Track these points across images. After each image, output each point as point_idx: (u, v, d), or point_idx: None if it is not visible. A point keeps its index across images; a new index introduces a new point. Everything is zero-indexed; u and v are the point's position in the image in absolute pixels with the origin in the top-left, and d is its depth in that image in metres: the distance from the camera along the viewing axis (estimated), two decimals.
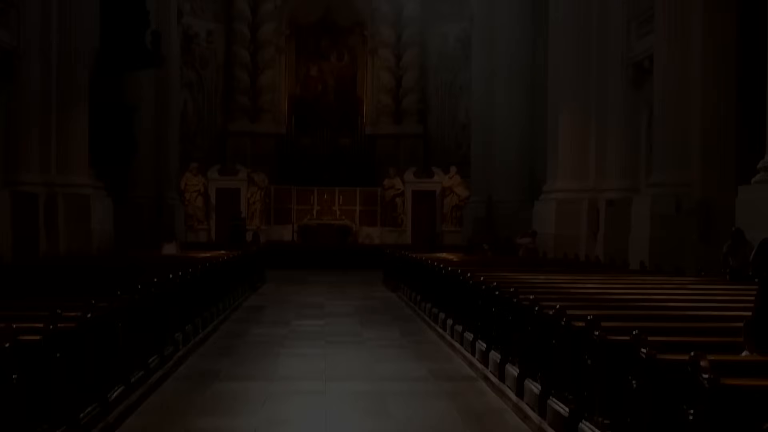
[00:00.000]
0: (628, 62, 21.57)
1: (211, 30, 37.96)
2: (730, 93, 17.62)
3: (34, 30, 21.25)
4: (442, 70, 38.63)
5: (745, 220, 14.75)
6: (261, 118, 38.74)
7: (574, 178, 23.61)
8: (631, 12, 21.63)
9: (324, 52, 39.50)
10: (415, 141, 38.93)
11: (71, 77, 22.18)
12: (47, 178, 21.52)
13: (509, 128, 31.29)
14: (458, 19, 37.11)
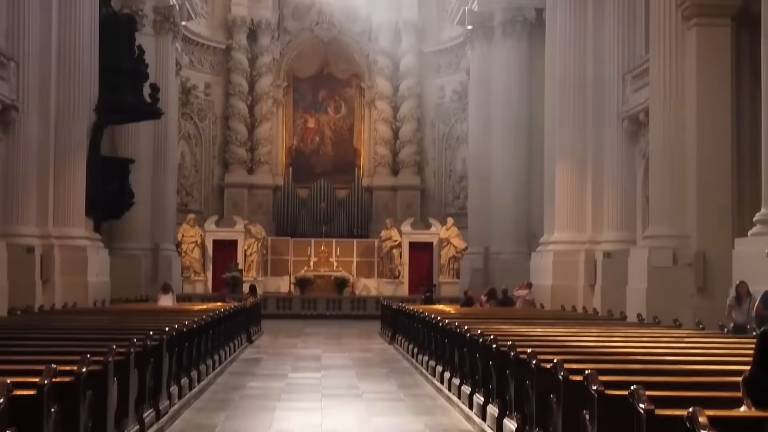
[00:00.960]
0: (624, 115, 21.72)
1: (209, 82, 38.25)
2: (725, 146, 17.72)
3: (33, 83, 21.35)
4: (439, 122, 38.87)
5: (742, 272, 14.76)
6: (258, 170, 38.88)
7: (571, 230, 23.64)
8: (626, 66, 21.82)
9: (321, 103, 39.77)
10: (412, 192, 39.05)
11: (69, 130, 22.26)
12: (44, 231, 21.51)
13: (506, 180, 31.40)
14: (455, 72, 37.44)
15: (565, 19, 23.87)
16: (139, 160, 28.56)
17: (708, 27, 17.80)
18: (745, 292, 13.71)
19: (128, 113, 26.04)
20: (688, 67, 17.96)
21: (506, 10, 31.54)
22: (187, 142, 37.09)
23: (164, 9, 30.97)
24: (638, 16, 21.70)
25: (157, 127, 30.00)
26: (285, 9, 39.25)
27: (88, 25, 23.04)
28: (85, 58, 22.74)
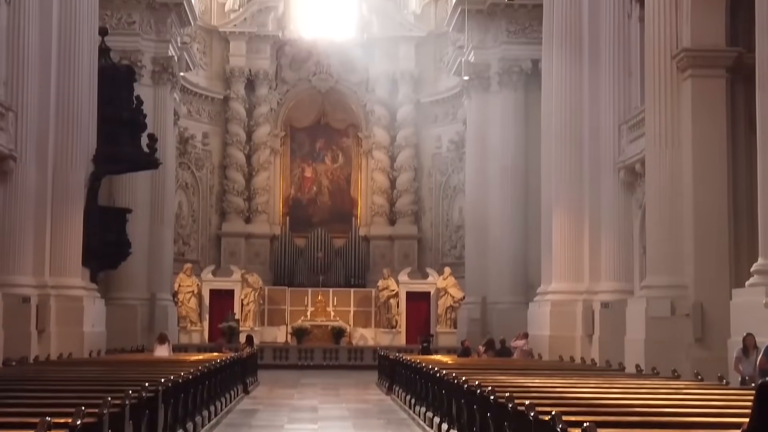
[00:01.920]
0: (620, 165, 21.78)
1: (207, 132, 38.42)
2: (721, 196, 17.76)
3: (31, 133, 21.43)
4: (436, 172, 38.99)
5: (740, 323, 14.73)
6: (256, 219, 38.91)
7: (568, 280, 23.61)
8: (622, 116, 21.93)
9: (319, 153, 39.91)
10: (409, 242, 39.06)
11: (67, 180, 22.30)
12: (40, 281, 21.46)
13: (503, 229, 31.43)
14: (452, 122, 37.64)
15: (561, 70, 24.05)
16: (136, 209, 28.58)
17: (703, 78, 17.92)
18: (752, 344, 13.65)
19: (126, 163, 26.13)
20: (684, 118, 18.05)
21: (502, 61, 31.80)
22: (185, 191, 37.15)
23: (163, 60, 31.21)
24: (633, 67, 21.86)
25: (155, 176, 30.09)
26: (283, 60, 39.52)
27: (87, 76, 23.18)
28: (83, 108, 22.85)
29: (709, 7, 17.96)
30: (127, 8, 30.29)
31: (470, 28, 32.31)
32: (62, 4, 22.56)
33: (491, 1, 31.53)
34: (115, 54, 27.59)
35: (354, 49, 39.08)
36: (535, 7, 29.11)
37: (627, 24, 22.16)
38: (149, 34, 31.06)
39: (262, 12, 39.14)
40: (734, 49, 18.00)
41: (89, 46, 23.50)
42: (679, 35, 18.22)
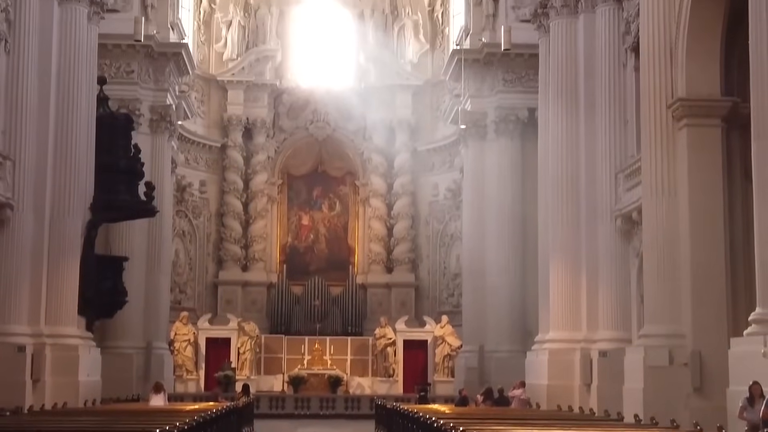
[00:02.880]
0: (617, 214, 21.82)
1: (205, 180, 38.47)
2: (718, 245, 17.78)
3: (29, 182, 21.48)
4: (433, 220, 39.00)
5: (738, 372, 14.67)
6: (252, 267, 38.84)
7: (566, 329, 23.54)
8: (618, 165, 22.02)
9: (316, 201, 39.95)
10: (406, 290, 38.96)
11: (64, 229, 22.32)
12: (36, 330, 21.37)
13: (500, 277, 31.36)
14: (449, 170, 37.74)
15: (557, 119, 24.17)
16: (132, 257, 28.52)
17: (698, 128, 18.01)
18: (759, 393, 13.56)
19: (123, 211, 26.13)
20: (680, 167, 18.11)
21: (499, 110, 31.95)
22: (182, 239, 37.12)
23: (161, 109, 31.37)
24: (629, 115, 22.00)
25: (152, 224, 30.09)
26: (280, 108, 39.70)
27: (85, 124, 23.30)
28: (81, 157, 22.92)
29: (703, 57, 18.10)
30: (126, 57, 30.48)
31: (467, 77, 32.50)
32: (61, 54, 22.74)
33: (487, 51, 31.75)
34: (114, 102, 27.73)
35: (351, 98, 39.29)
36: (531, 57, 29.30)
37: (622, 73, 22.35)
38: (147, 83, 31.24)
39: (260, 61, 39.42)
40: (729, 99, 18.13)
41: (88, 95, 23.65)
42: (674, 85, 18.35)
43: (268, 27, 39.82)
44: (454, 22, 38.35)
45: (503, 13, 32.06)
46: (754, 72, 13.83)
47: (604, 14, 22.87)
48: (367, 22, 40.20)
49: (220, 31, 39.75)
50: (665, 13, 18.60)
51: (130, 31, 29.76)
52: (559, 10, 24.03)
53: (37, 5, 21.94)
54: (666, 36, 18.55)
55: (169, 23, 32.16)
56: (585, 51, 23.44)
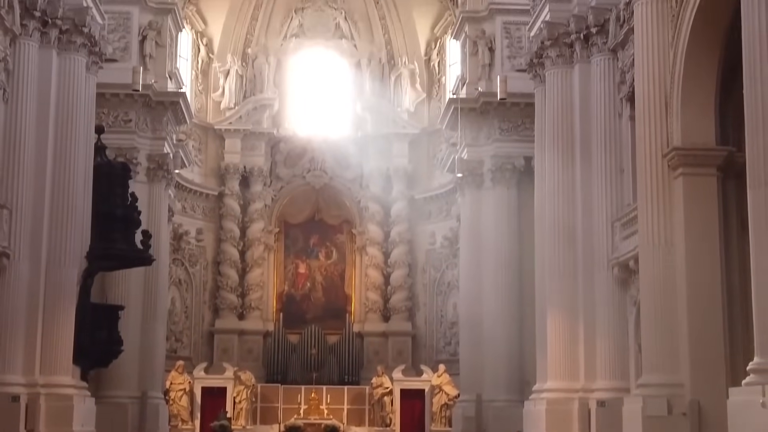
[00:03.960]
0: (614, 262, 21.79)
1: (201, 228, 38.46)
2: (715, 294, 17.74)
3: (25, 230, 21.46)
4: (430, 268, 38.95)
5: (737, 422, 14.54)
6: (249, 316, 38.70)
7: (563, 378, 23.37)
8: (615, 213, 22.03)
9: (313, 249, 39.93)
10: (403, 338, 38.83)
11: (60, 277, 22.25)
12: (30, 380, 21.23)
13: (498, 326, 31.22)
14: (446, 218, 37.76)
15: (553, 168, 24.22)
16: (129, 306, 28.43)
17: (694, 177, 18.05)
18: None
19: (120, 260, 26.08)
20: (676, 216, 18.13)
21: (495, 158, 32.04)
22: (178, 287, 37.01)
23: (158, 157, 31.42)
24: (625, 164, 22.05)
25: (148, 273, 30.00)
26: (277, 156, 39.81)
27: (83, 173, 23.34)
28: (78, 205, 22.93)
29: (698, 106, 18.21)
30: (123, 106, 30.59)
31: (463, 126, 32.65)
32: (59, 103, 22.84)
33: (484, 100, 31.92)
34: (111, 151, 27.76)
35: (348, 146, 39.47)
36: (527, 106, 29.43)
37: (618, 123, 22.45)
38: (145, 132, 31.34)
39: (257, 110, 39.62)
40: (724, 148, 18.20)
41: (85, 144, 23.73)
42: (669, 134, 18.42)
43: (266, 76, 40.07)
44: (451, 71, 38.66)
45: (499, 62, 32.29)
46: (748, 121, 13.88)
47: (599, 64, 23.03)
48: (363, 72, 40.47)
49: (217, 80, 39.99)
50: (660, 63, 18.74)
51: (128, 81, 29.94)
52: (555, 60, 24.19)
53: (36, 55, 22.10)
54: (661, 86, 18.67)
55: (167, 73, 32.36)
56: (580, 100, 23.56)
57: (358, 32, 40.93)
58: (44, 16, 22.16)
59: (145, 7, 31.60)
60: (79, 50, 23.34)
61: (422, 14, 40.20)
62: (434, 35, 40.57)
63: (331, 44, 41.00)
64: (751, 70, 13.73)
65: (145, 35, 31.60)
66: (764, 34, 13.50)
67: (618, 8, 21.96)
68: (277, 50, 40.55)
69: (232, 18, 40.05)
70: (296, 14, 40.83)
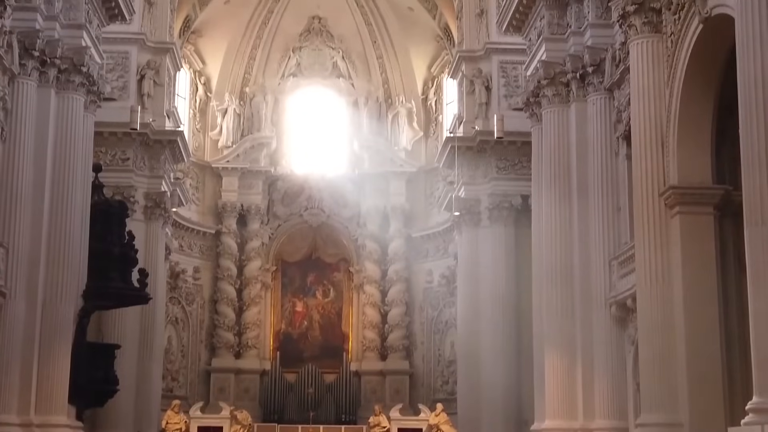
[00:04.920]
0: (612, 301, 21.74)
1: (198, 266, 38.45)
2: (713, 332, 17.67)
3: (22, 269, 21.39)
4: (428, 307, 38.92)
5: None
6: (246, 354, 38.62)
7: (562, 417, 23.21)
8: (612, 252, 22.01)
9: (310, 287, 39.93)
10: (400, 377, 38.71)
11: (56, 316, 22.14)
12: (25, 419, 21.06)
13: (495, 365, 31.10)
14: (443, 256, 37.76)
15: (550, 206, 24.22)
16: (125, 345, 28.28)
17: (691, 215, 18.04)
18: None
19: (116, 299, 25.98)
20: (674, 255, 18.12)
21: (492, 197, 32.09)
22: (174, 326, 36.91)
23: (155, 195, 31.45)
24: (622, 203, 22.06)
25: (145, 311, 29.91)
26: (275, 195, 39.90)
27: (80, 212, 23.31)
28: (74, 244, 22.88)
29: (694, 145, 18.25)
30: (121, 145, 30.66)
31: (460, 165, 32.74)
32: (57, 142, 22.85)
33: (480, 138, 32.04)
34: (109, 189, 27.75)
35: (345, 185, 39.59)
36: (524, 144, 29.54)
37: (614, 161, 22.49)
38: (143, 170, 31.40)
39: (254, 148, 39.76)
40: (721, 187, 18.21)
41: (83, 183, 23.72)
42: (666, 173, 18.44)
43: (263, 115, 40.28)
44: (448, 110, 38.86)
45: (496, 101, 32.47)
46: (745, 160, 13.91)
47: (596, 103, 23.11)
48: (361, 110, 40.69)
49: (215, 118, 40.19)
50: (656, 102, 18.81)
51: (126, 119, 30.07)
52: (551, 99, 24.28)
53: (34, 94, 22.15)
54: (657, 124, 18.73)
55: (165, 111, 32.49)
56: (577, 139, 23.62)
57: (356, 71, 41.20)
58: (43, 55, 22.22)
59: (143, 47, 31.79)
60: (78, 89, 23.39)
61: (419, 53, 40.49)
62: (431, 74, 40.85)
63: (329, 83, 41.26)
64: (747, 110, 13.79)
65: (144, 74, 31.75)
66: (759, 75, 13.57)
67: (614, 48, 22.10)
68: (274, 89, 40.78)
69: (230, 57, 40.32)
70: (294, 53, 41.11)
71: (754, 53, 13.67)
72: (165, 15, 32.79)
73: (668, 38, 18.72)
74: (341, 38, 41.18)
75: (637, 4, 19.08)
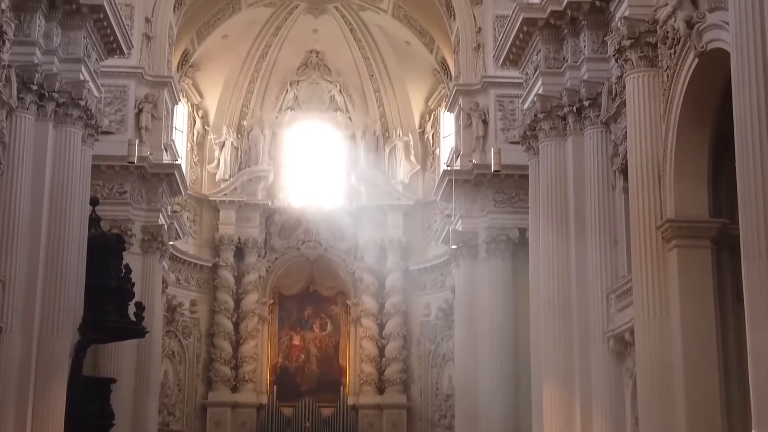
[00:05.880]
0: (610, 335, 21.68)
1: (195, 300, 38.37)
2: (712, 366, 17.64)
3: (18, 302, 21.31)
4: (425, 340, 38.82)
5: None
6: (242, 388, 38.45)
7: None
8: (609, 285, 21.98)
9: (307, 321, 39.86)
10: (398, 411, 38.54)
11: (52, 351, 22.02)
12: None
13: (494, 398, 30.95)
14: (440, 290, 37.71)
15: (548, 239, 24.22)
16: (121, 378, 28.11)
17: (688, 249, 18.07)
18: None
19: (113, 332, 25.86)
20: (671, 288, 18.11)
21: (490, 230, 32.06)
22: (171, 360, 36.75)
23: (153, 229, 31.39)
24: (620, 236, 22.05)
25: (141, 345, 29.76)
26: (272, 228, 39.90)
27: (77, 245, 23.27)
28: (71, 277, 22.82)
29: (691, 179, 18.31)
30: (119, 178, 30.65)
31: (457, 198, 32.76)
32: (55, 176, 22.85)
33: (478, 172, 32.07)
34: (106, 222, 27.75)
35: (343, 218, 39.62)
36: (521, 177, 29.58)
37: (611, 195, 22.51)
38: (140, 204, 31.38)
39: (252, 181, 39.83)
40: (718, 221, 18.26)
41: (80, 216, 23.70)
42: (663, 206, 18.49)
43: (261, 148, 40.37)
44: (445, 143, 38.98)
45: (493, 134, 32.54)
46: (741, 193, 13.94)
47: (592, 137, 23.16)
48: (358, 144, 40.81)
49: (213, 152, 40.29)
50: (652, 136, 18.89)
51: (123, 153, 30.08)
52: (548, 132, 24.35)
53: (32, 128, 22.17)
54: (653, 158, 18.79)
55: (162, 145, 32.52)
56: (574, 172, 23.65)
57: (353, 105, 41.37)
58: (41, 89, 22.27)
59: (141, 81, 31.88)
60: (76, 123, 23.43)
61: (416, 87, 40.68)
62: (428, 108, 41.03)
63: (326, 116, 41.41)
64: (743, 144, 13.83)
65: (142, 108, 31.80)
66: (755, 109, 13.62)
67: (610, 82, 22.19)
68: (272, 122, 40.91)
69: (228, 91, 40.50)
70: (291, 87, 41.28)
71: (750, 88, 13.73)
72: (163, 49, 32.92)
73: (664, 72, 18.83)
74: (339, 72, 41.38)
75: (633, 38, 19.22)
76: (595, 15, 22.69)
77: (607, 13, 22.04)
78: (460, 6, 33.35)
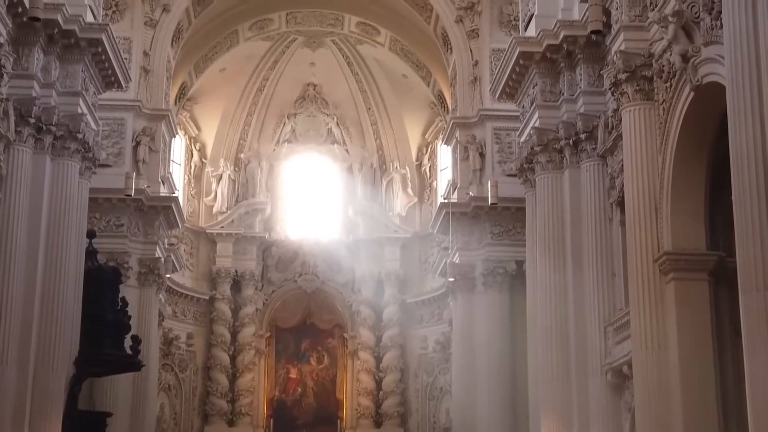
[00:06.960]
0: (607, 368, 21.61)
1: (192, 333, 38.22)
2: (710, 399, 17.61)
3: (14, 336, 21.22)
4: (423, 373, 38.65)
5: None
6: (239, 422, 38.23)
7: None
8: (607, 318, 21.94)
9: (304, 354, 39.72)
10: None
11: (47, 385, 21.92)
12: None
13: (491, 431, 30.82)
14: (438, 322, 37.61)
15: (545, 272, 24.20)
16: (117, 412, 27.95)
17: (685, 281, 18.07)
18: None
19: (109, 366, 25.76)
20: (669, 321, 18.08)
21: (487, 263, 32.01)
22: (167, 393, 36.57)
23: (149, 262, 31.33)
24: (617, 269, 22.05)
25: (137, 378, 29.65)
26: (269, 260, 39.86)
27: (73, 278, 23.22)
28: (67, 311, 22.75)
29: (688, 211, 18.35)
30: (116, 211, 30.62)
31: (454, 231, 32.76)
32: (52, 208, 22.84)
33: (475, 204, 32.08)
34: (102, 255, 27.70)
35: (340, 251, 39.59)
36: (518, 210, 29.58)
37: (608, 227, 22.52)
38: (137, 236, 31.34)
39: (249, 214, 39.83)
40: (715, 253, 18.27)
41: (77, 249, 23.66)
42: (660, 239, 18.51)
43: (258, 180, 40.43)
44: (442, 176, 39.04)
45: (490, 167, 32.59)
46: (738, 228, 13.96)
47: (589, 170, 23.21)
48: (355, 176, 40.88)
49: (210, 184, 40.33)
50: (649, 169, 18.94)
51: (121, 185, 30.09)
52: (545, 165, 24.40)
53: (29, 160, 22.19)
54: (650, 191, 18.83)
55: (160, 177, 32.54)
56: (571, 205, 23.68)
57: (350, 137, 41.49)
58: (39, 122, 22.32)
59: (139, 114, 31.96)
60: (73, 156, 23.46)
61: (413, 120, 40.82)
62: (425, 140, 41.15)
63: (324, 149, 41.50)
64: (739, 178, 13.86)
65: (139, 141, 31.84)
66: (751, 143, 13.67)
67: (606, 115, 22.27)
68: (269, 155, 41.00)
69: (225, 123, 40.63)
70: (289, 120, 41.42)
71: (746, 121, 13.79)
72: (161, 82, 33.02)
73: (660, 105, 18.91)
74: (336, 105, 41.54)
75: (629, 72, 19.32)
76: (591, 49, 22.83)
77: (603, 46, 22.17)
78: (456, 39, 33.51)
